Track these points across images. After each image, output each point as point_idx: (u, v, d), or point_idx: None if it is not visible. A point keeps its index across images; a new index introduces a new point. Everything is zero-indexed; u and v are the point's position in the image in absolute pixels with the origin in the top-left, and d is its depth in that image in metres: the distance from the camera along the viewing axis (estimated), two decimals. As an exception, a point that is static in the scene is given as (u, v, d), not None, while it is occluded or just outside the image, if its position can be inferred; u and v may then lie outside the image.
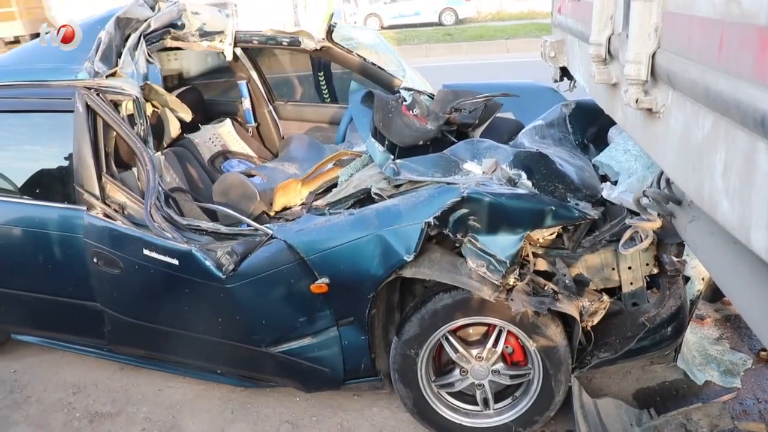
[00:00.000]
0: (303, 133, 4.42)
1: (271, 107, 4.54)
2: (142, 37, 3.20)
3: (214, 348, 2.91)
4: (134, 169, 3.03)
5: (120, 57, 3.03)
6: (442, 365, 2.79)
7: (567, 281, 2.46)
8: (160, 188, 2.80)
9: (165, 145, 3.66)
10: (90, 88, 2.89)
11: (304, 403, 3.10)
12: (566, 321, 2.53)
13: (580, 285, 2.51)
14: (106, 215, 2.84)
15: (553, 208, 2.40)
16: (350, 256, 2.50)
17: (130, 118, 2.94)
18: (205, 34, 3.76)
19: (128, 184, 2.92)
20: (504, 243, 2.38)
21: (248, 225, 2.78)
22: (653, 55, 1.37)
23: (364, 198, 2.90)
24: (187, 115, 3.46)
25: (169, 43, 3.56)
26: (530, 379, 2.64)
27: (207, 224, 2.83)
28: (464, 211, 2.38)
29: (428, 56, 13.92)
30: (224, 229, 2.79)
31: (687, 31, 1.18)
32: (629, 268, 2.51)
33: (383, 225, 2.47)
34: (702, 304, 3.39)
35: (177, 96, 3.65)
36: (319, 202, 3.11)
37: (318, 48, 3.94)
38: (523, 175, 2.58)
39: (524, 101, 3.61)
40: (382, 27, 21.23)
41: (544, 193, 2.50)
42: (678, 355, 2.71)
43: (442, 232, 2.44)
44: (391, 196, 2.74)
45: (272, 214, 3.29)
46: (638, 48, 1.38)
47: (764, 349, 3.10)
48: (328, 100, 4.59)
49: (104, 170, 2.89)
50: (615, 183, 2.48)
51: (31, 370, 3.54)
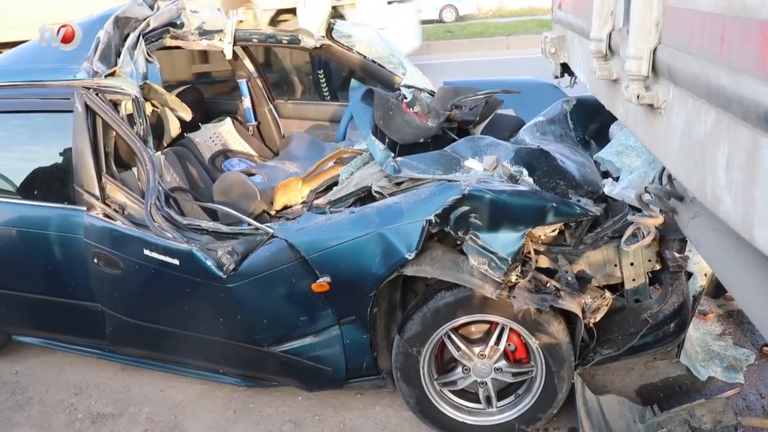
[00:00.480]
0: (303, 131, 4.41)
1: (271, 106, 4.53)
2: (141, 37, 3.19)
3: (216, 348, 2.91)
4: (134, 169, 3.02)
5: (119, 56, 3.02)
6: (445, 363, 2.78)
7: (569, 278, 2.45)
8: (161, 188, 2.79)
9: (165, 145, 3.64)
10: (89, 88, 2.88)
11: (306, 402, 3.10)
12: (569, 318, 2.52)
13: (582, 282, 2.49)
14: (107, 215, 2.83)
15: (554, 204, 2.39)
16: (351, 255, 2.49)
17: (130, 118, 2.93)
18: (204, 33, 3.75)
19: (128, 184, 2.92)
20: (506, 240, 2.37)
21: (249, 224, 2.77)
22: (654, 51, 1.36)
23: (365, 196, 2.89)
24: (187, 114, 3.45)
25: (169, 42, 3.55)
26: (533, 376, 2.63)
27: (207, 224, 2.82)
28: (465, 208, 2.37)
29: (429, 53, 13.88)
30: (225, 228, 2.78)
31: (688, 26, 1.17)
32: (631, 264, 2.50)
33: (384, 223, 2.46)
34: (704, 299, 3.38)
35: (177, 95, 3.64)
36: (319, 201, 3.10)
37: (318, 46, 3.92)
38: (525, 172, 2.57)
39: (525, 98, 3.60)
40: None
41: (546, 190, 2.49)
42: (681, 352, 2.71)
43: (444, 230, 2.43)
44: (392, 194, 2.73)
45: (273, 213, 3.29)
46: (639, 43, 1.37)
47: (767, 345, 3.09)
48: (329, 97, 4.59)
49: (104, 170, 2.88)
50: (616, 179, 2.47)
51: (33, 371, 3.53)
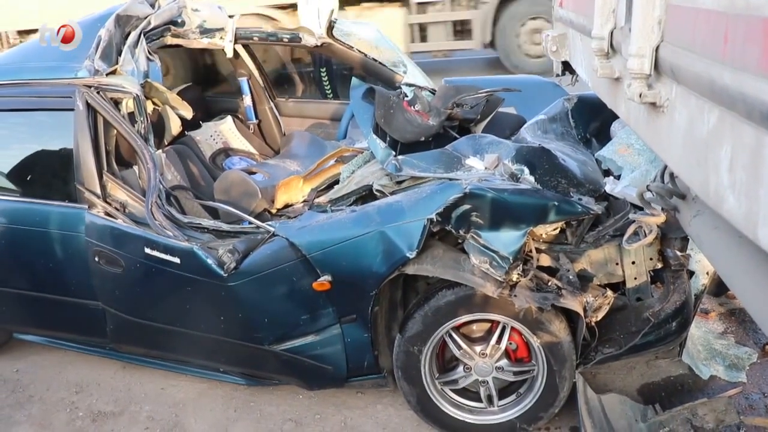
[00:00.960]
0: (304, 129, 4.41)
1: (272, 104, 4.52)
2: (142, 35, 3.19)
3: (217, 346, 2.91)
4: (135, 167, 3.02)
5: (120, 55, 3.02)
6: (446, 362, 2.78)
7: (570, 277, 2.44)
8: (161, 186, 2.79)
9: (166, 143, 3.65)
10: (90, 86, 2.88)
11: (307, 400, 3.09)
12: (570, 317, 2.52)
13: (583, 280, 2.49)
14: (108, 214, 2.83)
15: (556, 203, 2.39)
16: (352, 254, 2.49)
17: (131, 116, 2.92)
18: (205, 31, 3.75)
19: (129, 183, 2.91)
20: (507, 239, 2.36)
21: (250, 222, 2.77)
22: (657, 49, 1.35)
23: (366, 195, 2.88)
24: (188, 113, 3.45)
25: (170, 40, 3.55)
26: (534, 375, 2.62)
27: (208, 222, 2.82)
28: (467, 207, 2.37)
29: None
30: (226, 226, 2.78)
31: (691, 24, 1.17)
32: (633, 263, 2.49)
33: (385, 222, 2.45)
34: (706, 298, 3.38)
35: (178, 93, 3.64)
36: (320, 199, 3.10)
37: (318, 44, 3.92)
38: (526, 171, 2.56)
39: (526, 96, 3.59)
40: None
41: (547, 189, 2.49)
42: (683, 350, 2.70)
43: (445, 229, 2.42)
44: (393, 193, 2.72)
45: (274, 211, 3.28)
46: (641, 41, 1.37)
47: (769, 343, 3.09)
48: (331, 95, 4.58)
49: (105, 168, 2.88)
50: (618, 177, 2.46)
51: (34, 369, 3.53)
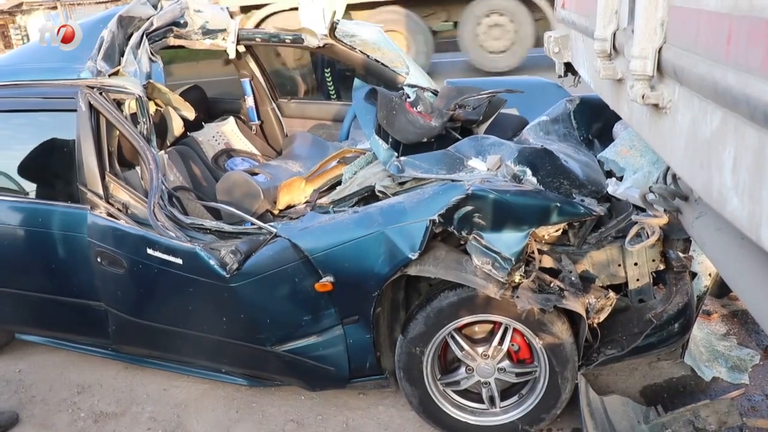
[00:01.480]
0: (306, 130, 4.41)
1: (274, 105, 4.53)
2: (144, 36, 3.20)
3: (219, 347, 2.91)
4: (137, 168, 3.02)
5: (123, 56, 3.03)
6: (448, 363, 2.78)
7: (573, 278, 2.44)
8: (164, 187, 2.79)
9: (168, 144, 3.65)
10: (93, 87, 2.88)
11: (309, 401, 3.09)
12: (572, 318, 2.51)
13: (586, 282, 2.49)
14: (110, 214, 2.84)
15: (558, 204, 2.38)
16: (355, 255, 2.49)
17: (133, 117, 2.93)
18: (207, 32, 3.75)
19: (131, 183, 2.92)
20: (509, 240, 2.36)
21: (252, 223, 2.77)
22: (659, 50, 1.35)
23: (369, 196, 2.89)
24: (191, 114, 3.45)
25: (172, 41, 3.55)
26: (536, 376, 2.62)
27: (211, 223, 2.82)
28: (469, 208, 2.37)
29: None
30: (228, 227, 2.78)
31: (694, 26, 1.17)
32: (635, 264, 2.49)
33: (388, 223, 2.45)
34: (709, 299, 3.38)
35: (180, 94, 3.64)
36: (323, 200, 3.10)
37: (321, 45, 3.92)
38: (528, 172, 2.56)
39: (529, 97, 3.60)
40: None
41: (549, 190, 2.49)
42: (685, 352, 2.70)
43: (447, 230, 2.43)
44: (395, 194, 2.72)
45: (276, 212, 3.28)
46: (644, 43, 1.36)
47: (772, 345, 3.08)
48: (334, 96, 4.59)
49: (107, 169, 2.88)
50: (620, 179, 2.46)
51: (36, 369, 3.54)
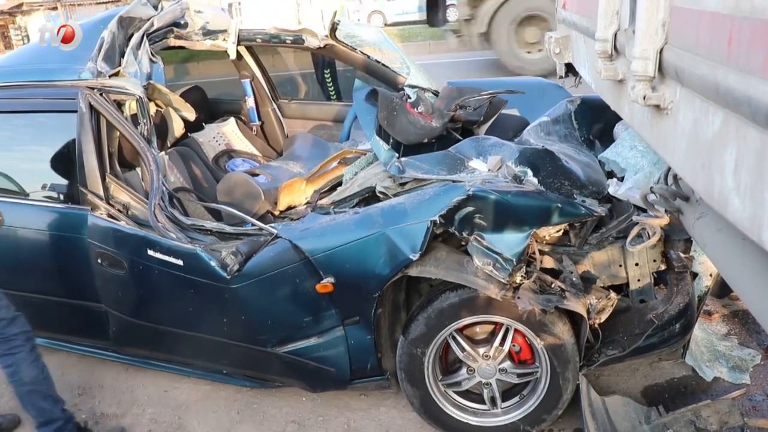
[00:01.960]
0: (307, 131, 4.41)
1: (275, 105, 4.53)
2: (145, 37, 3.20)
3: (220, 348, 2.90)
4: (138, 169, 3.02)
5: (123, 56, 3.02)
6: (449, 364, 2.78)
7: (574, 279, 2.44)
8: (164, 188, 2.79)
9: (169, 145, 3.65)
10: (93, 88, 2.88)
11: (310, 402, 3.09)
12: (573, 319, 2.51)
13: (587, 282, 2.49)
14: (110, 216, 2.83)
15: (559, 205, 2.38)
16: (356, 256, 2.49)
17: (134, 118, 2.93)
18: (208, 33, 3.75)
19: (132, 185, 2.91)
20: (510, 241, 2.36)
21: (253, 224, 2.77)
22: (661, 51, 1.35)
23: (369, 196, 2.89)
24: (191, 115, 3.45)
25: (173, 42, 3.55)
26: (538, 377, 2.62)
27: (211, 224, 2.82)
28: (470, 209, 2.37)
29: (432, 53, 13.86)
30: (229, 228, 2.78)
31: (695, 26, 1.16)
32: (636, 264, 2.49)
33: (388, 224, 2.45)
34: (710, 299, 3.37)
35: (180, 95, 3.64)
36: (323, 201, 3.10)
37: (321, 46, 3.92)
38: (529, 173, 2.56)
39: (529, 98, 3.60)
40: (385, 24, 21.20)
41: (550, 191, 2.49)
42: (686, 352, 2.70)
43: (448, 231, 2.42)
44: (396, 195, 2.72)
45: (277, 213, 3.28)
46: (645, 44, 1.36)
47: (773, 345, 3.08)
48: (334, 97, 4.59)
49: (108, 170, 2.88)
50: (621, 179, 2.46)
51: (38, 371, 3.53)
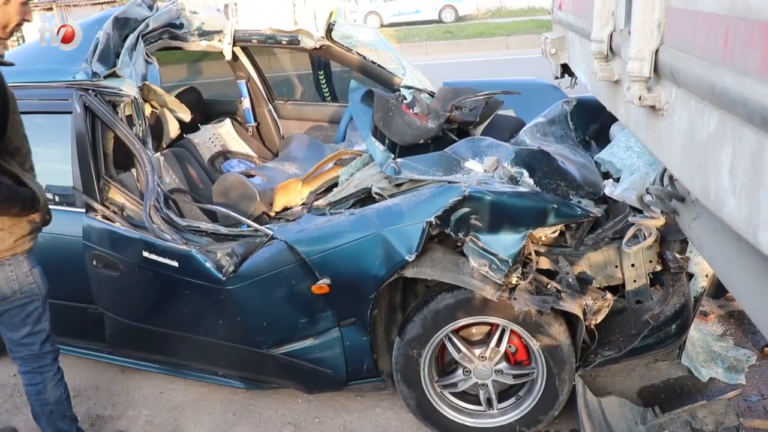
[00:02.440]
0: (303, 132, 4.41)
1: (270, 106, 4.53)
2: (140, 37, 3.19)
3: (216, 350, 2.90)
4: (133, 171, 3.01)
5: (118, 57, 3.01)
6: (445, 365, 2.78)
7: (570, 279, 2.44)
8: (160, 189, 2.78)
9: (164, 146, 3.64)
10: (88, 89, 2.87)
11: (306, 404, 3.09)
12: (570, 319, 2.51)
13: (583, 283, 2.49)
14: (105, 217, 2.83)
15: (555, 206, 2.38)
16: (351, 257, 2.49)
17: (129, 119, 2.92)
18: (203, 34, 3.75)
19: (127, 186, 2.91)
20: (506, 242, 2.36)
21: (248, 226, 2.76)
22: (656, 52, 1.35)
23: (365, 197, 2.88)
24: (186, 116, 3.44)
25: (168, 42, 3.55)
26: (534, 378, 2.62)
27: (207, 225, 2.81)
28: (466, 210, 2.37)
29: (428, 54, 13.90)
30: (224, 230, 2.77)
31: (691, 27, 1.16)
32: (632, 265, 2.49)
33: (384, 225, 2.45)
34: (705, 300, 3.38)
35: (176, 96, 3.63)
36: (319, 202, 3.10)
37: (317, 47, 3.92)
38: (525, 173, 2.56)
39: (525, 98, 3.60)
40: (381, 25, 21.24)
41: (546, 191, 2.49)
42: (682, 353, 2.70)
43: (444, 232, 2.42)
44: (392, 196, 2.72)
45: (272, 214, 3.28)
46: (641, 44, 1.36)
47: (769, 345, 3.08)
48: (329, 98, 4.58)
49: (103, 171, 2.87)
50: (617, 180, 2.46)
51: (32, 373, 3.51)
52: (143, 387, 3.33)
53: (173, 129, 3.58)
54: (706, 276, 2.57)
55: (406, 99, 3.53)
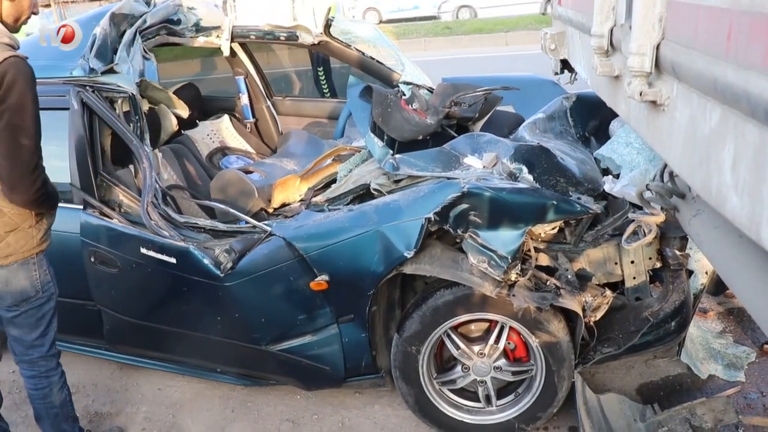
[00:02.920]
0: (301, 128, 4.39)
1: (269, 102, 4.51)
2: (137, 33, 3.18)
3: (214, 347, 2.89)
4: (131, 167, 3.00)
5: (115, 53, 3.00)
6: (444, 362, 2.77)
7: (569, 276, 2.44)
8: (157, 185, 2.77)
9: (162, 142, 3.63)
10: (85, 85, 2.86)
11: (304, 401, 3.08)
12: (569, 316, 2.51)
13: (582, 280, 2.48)
14: (103, 214, 2.82)
15: (554, 202, 2.37)
16: (350, 253, 2.48)
17: (126, 115, 2.90)
18: (201, 30, 3.73)
19: (125, 182, 2.90)
20: (505, 238, 2.35)
21: (246, 222, 2.76)
22: (657, 46, 1.33)
23: (364, 194, 2.87)
24: (185, 112, 3.43)
25: (166, 38, 3.53)
26: (533, 375, 2.62)
27: (205, 222, 2.80)
28: (465, 206, 2.36)
29: (427, 50, 13.85)
30: (222, 226, 2.76)
31: (693, 21, 1.15)
32: (632, 262, 2.48)
33: (383, 221, 2.44)
34: (705, 297, 3.37)
35: (174, 92, 3.62)
36: (318, 198, 3.09)
37: (316, 42, 3.90)
38: (524, 170, 2.55)
39: (524, 94, 3.59)
40: (380, 21, 21.16)
41: (546, 188, 2.48)
42: (681, 350, 2.70)
43: (443, 228, 2.41)
44: (390, 192, 2.71)
45: (271, 210, 3.27)
46: (642, 39, 1.35)
47: (768, 342, 3.08)
48: (328, 94, 4.57)
49: (100, 168, 2.86)
50: (617, 176, 2.45)
51: (30, 369, 3.51)
52: (141, 384, 3.32)
53: (171, 125, 3.57)
54: (706, 273, 2.57)
55: (404, 95, 3.52)
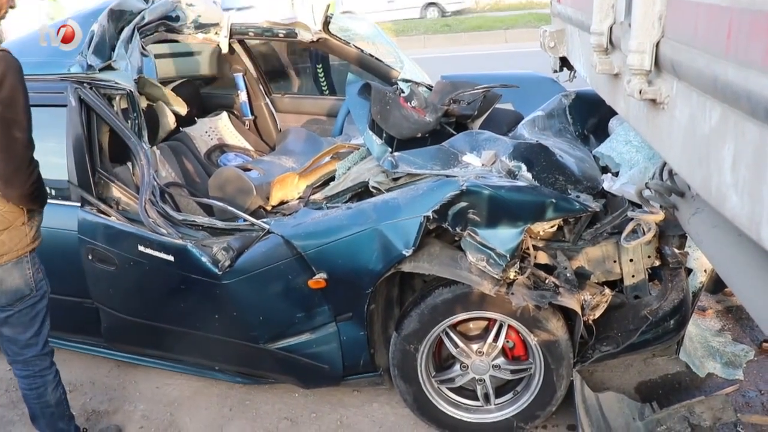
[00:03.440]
0: (300, 125, 4.38)
1: (267, 100, 4.50)
2: (136, 30, 3.17)
3: (212, 345, 2.89)
4: (129, 164, 2.99)
5: (113, 50, 2.99)
6: (443, 360, 2.77)
7: (568, 274, 2.43)
8: (155, 183, 2.76)
9: (160, 139, 3.62)
10: (83, 82, 2.85)
11: (303, 399, 3.08)
12: (567, 315, 2.50)
13: (581, 278, 2.48)
14: (101, 211, 2.81)
15: (553, 200, 2.37)
16: (348, 251, 2.47)
17: (124, 112, 2.89)
18: (200, 26, 3.72)
19: (123, 179, 2.89)
20: (504, 236, 2.35)
21: (244, 220, 2.75)
22: (657, 44, 1.33)
23: (362, 191, 2.87)
24: (183, 109, 3.42)
25: (164, 35, 3.52)
26: (531, 373, 2.61)
27: (203, 219, 2.79)
28: (463, 204, 2.35)
29: (426, 47, 13.84)
30: (220, 224, 2.76)
31: (693, 19, 1.15)
32: (631, 260, 2.48)
33: (381, 219, 2.44)
34: (704, 295, 3.37)
35: (172, 89, 3.61)
36: (316, 196, 3.08)
37: (315, 40, 3.89)
38: (523, 167, 2.55)
39: (524, 92, 3.58)
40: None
41: (545, 186, 2.47)
42: (680, 348, 2.69)
43: (442, 226, 2.41)
44: (389, 190, 2.71)
45: (269, 208, 3.26)
46: (641, 37, 1.34)
47: (767, 340, 3.08)
48: (327, 92, 4.56)
49: (98, 165, 2.85)
50: (616, 174, 2.45)
51: (28, 367, 3.50)
52: (139, 381, 3.32)
53: (169, 122, 3.57)
54: (705, 271, 2.57)
55: (403, 92, 3.51)
